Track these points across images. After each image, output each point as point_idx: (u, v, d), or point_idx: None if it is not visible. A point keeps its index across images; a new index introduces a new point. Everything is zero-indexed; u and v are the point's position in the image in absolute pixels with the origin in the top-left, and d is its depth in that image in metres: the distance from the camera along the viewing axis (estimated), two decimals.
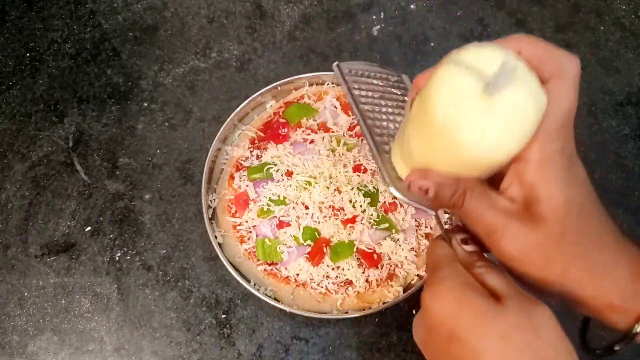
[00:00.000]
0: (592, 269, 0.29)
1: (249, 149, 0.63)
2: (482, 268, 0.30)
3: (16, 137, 0.67)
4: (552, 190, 0.27)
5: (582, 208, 0.28)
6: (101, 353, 0.58)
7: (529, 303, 0.28)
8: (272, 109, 0.65)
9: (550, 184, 0.27)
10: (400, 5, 0.75)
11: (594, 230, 0.29)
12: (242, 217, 0.60)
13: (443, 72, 0.27)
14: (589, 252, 0.29)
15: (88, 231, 0.62)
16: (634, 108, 0.70)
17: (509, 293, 0.28)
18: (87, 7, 0.74)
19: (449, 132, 0.26)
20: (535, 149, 0.27)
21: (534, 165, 0.27)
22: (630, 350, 0.59)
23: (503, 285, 0.29)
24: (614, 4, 0.76)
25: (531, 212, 0.28)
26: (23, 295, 0.60)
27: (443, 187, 0.29)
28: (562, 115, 0.27)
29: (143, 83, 0.69)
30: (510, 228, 0.28)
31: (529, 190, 0.28)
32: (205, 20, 0.73)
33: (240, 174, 0.61)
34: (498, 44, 0.28)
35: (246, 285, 0.55)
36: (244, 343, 0.58)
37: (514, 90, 0.26)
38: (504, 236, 0.29)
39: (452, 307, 0.28)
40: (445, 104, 0.26)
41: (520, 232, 0.28)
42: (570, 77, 0.27)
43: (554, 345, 0.27)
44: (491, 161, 0.27)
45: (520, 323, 0.27)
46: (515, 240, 0.29)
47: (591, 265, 0.29)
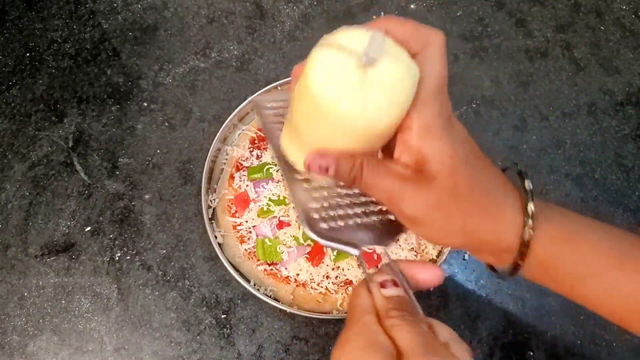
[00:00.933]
0: (487, 214, 0.30)
1: (249, 149, 0.63)
2: (395, 319, 0.29)
3: (16, 137, 0.67)
4: (436, 149, 0.29)
5: (468, 161, 0.30)
6: (101, 353, 0.58)
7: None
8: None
9: (434, 144, 0.29)
10: (400, 5, 0.75)
11: (483, 180, 0.30)
12: (242, 217, 0.60)
13: (316, 54, 0.28)
14: (480, 198, 0.30)
15: (88, 231, 0.62)
16: (634, 108, 0.70)
17: (410, 353, 0.27)
18: (87, 7, 0.74)
19: (332, 109, 0.27)
20: (415, 116, 0.29)
21: (416, 131, 0.29)
22: (629, 351, 0.59)
23: (407, 343, 0.27)
24: (614, 4, 0.76)
25: (423, 173, 0.30)
26: (23, 295, 0.60)
27: (341, 163, 0.30)
28: (435, 82, 0.29)
29: (143, 83, 0.69)
30: (407, 191, 0.30)
31: (417, 154, 0.30)
32: (205, 20, 0.73)
33: (240, 174, 0.61)
34: (364, 26, 0.29)
35: (246, 285, 0.55)
36: (244, 343, 0.58)
37: (387, 61, 0.27)
38: (403, 199, 0.30)
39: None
40: (323, 82, 0.27)
41: (418, 193, 0.30)
42: (437, 47, 0.29)
43: None
44: (376, 130, 0.29)
45: None
46: (413, 202, 0.30)
47: (485, 211, 0.30)
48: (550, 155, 0.67)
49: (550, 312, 0.60)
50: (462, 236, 0.31)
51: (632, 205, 0.65)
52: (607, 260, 0.29)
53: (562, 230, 0.30)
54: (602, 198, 0.65)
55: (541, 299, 0.61)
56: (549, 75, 0.71)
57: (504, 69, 0.72)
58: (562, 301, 0.61)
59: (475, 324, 0.60)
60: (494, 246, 0.31)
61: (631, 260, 0.29)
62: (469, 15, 0.74)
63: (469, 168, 0.30)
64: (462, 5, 0.75)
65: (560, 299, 0.61)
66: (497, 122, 0.69)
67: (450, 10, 0.75)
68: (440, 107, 0.29)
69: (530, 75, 0.71)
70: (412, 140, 0.29)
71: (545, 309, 0.60)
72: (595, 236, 0.30)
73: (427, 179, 0.29)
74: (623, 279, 0.29)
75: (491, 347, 0.59)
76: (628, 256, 0.29)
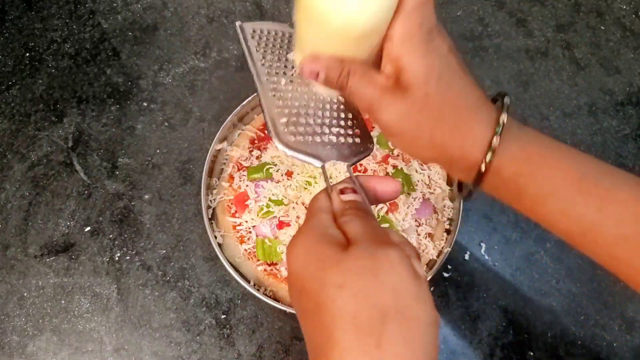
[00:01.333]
0: (455, 129, 0.31)
1: (249, 149, 0.63)
2: (348, 217, 0.30)
3: (16, 137, 0.67)
4: (412, 60, 0.30)
5: (442, 75, 0.30)
6: (101, 353, 0.58)
7: (376, 246, 0.27)
8: None
9: (410, 54, 0.30)
10: None
11: (455, 95, 0.31)
12: (242, 217, 0.60)
13: None
14: (451, 114, 0.30)
15: (88, 231, 0.62)
16: (635, 108, 0.70)
17: (359, 239, 0.28)
18: (87, 7, 0.74)
19: (314, 8, 0.29)
20: (396, 26, 0.30)
21: (396, 40, 0.30)
22: (629, 351, 0.59)
23: (358, 232, 0.28)
24: (614, 4, 0.75)
25: (399, 83, 0.31)
26: (22, 295, 0.60)
27: (330, 69, 0.32)
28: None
29: (143, 83, 0.69)
30: (384, 100, 0.31)
31: (396, 64, 0.31)
32: (205, 20, 0.73)
33: (240, 174, 0.61)
34: None
35: (246, 285, 0.55)
36: (244, 343, 0.58)
37: None
38: (380, 108, 0.31)
39: (302, 260, 0.28)
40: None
41: (392, 102, 0.31)
42: None
43: (394, 288, 0.26)
44: (356, 31, 0.30)
45: (359, 268, 0.26)
46: (388, 111, 0.31)
47: (454, 126, 0.30)
48: None
49: (550, 312, 0.60)
50: (431, 149, 0.31)
51: None
52: (565, 180, 0.29)
53: (528, 150, 0.30)
54: None
55: (541, 299, 0.61)
56: (549, 75, 0.71)
57: (504, 69, 0.72)
58: (563, 301, 0.61)
59: (475, 324, 0.60)
60: (462, 162, 0.31)
61: (589, 181, 0.29)
62: (469, 15, 0.74)
63: (442, 82, 0.30)
64: (462, 5, 0.75)
65: (560, 298, 0.61)
66: None
67: (450, 10, 0.75)
68: (423, 18, 0.30)
69: (530, 75, 0.71)
70: (392, 49, 0.31)
71: (545, 309, 0.60)
72: (558, 157, 0.30)
73: (402, 90, 0.30)
74: (578, 199, 0.29)
75: (491, 347, 0.59)
76: (587, 177, 0.29)
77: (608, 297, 0.61)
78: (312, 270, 0.27)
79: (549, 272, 0.62)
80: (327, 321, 0.25)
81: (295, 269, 0.29)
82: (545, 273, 0.62)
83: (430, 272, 0.56)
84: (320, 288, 0.26)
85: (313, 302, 0.27)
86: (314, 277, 0.27)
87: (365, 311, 0.25)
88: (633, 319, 0.60)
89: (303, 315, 0.28)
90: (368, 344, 0.24)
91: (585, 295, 0.61)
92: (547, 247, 0.63)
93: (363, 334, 0.24)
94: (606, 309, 0.61)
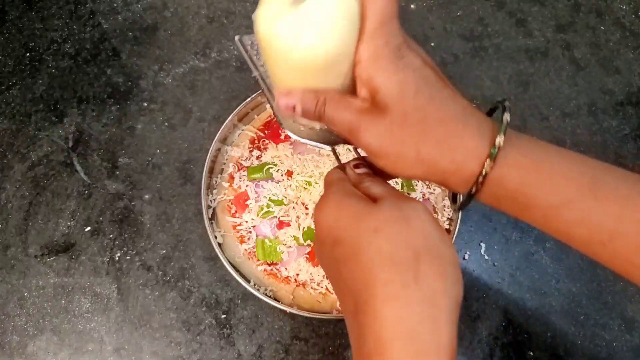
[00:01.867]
0: (443, 142, 0.30)
1: (249, 149, 0.63)
2: (367, 182, 0.33)
3: (16, 137, 0.67)
4: (384, 79, 0.30)
5: (419, 89, 0.30)
6: (101, 353, 0.58)
7: (402, 200, 0.30)
8: (272, 109, 0.65)
9: (382, 73, 0.30)
10: (400, 5, 0.75)
11: (437, 108, 0.30)
12: (242, 217, 0.60)
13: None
14: (434, 127, 0.30)
15: (88, 231, 0.62)
16: (634, 108, 0.70)
17: (385, 195, 0.31)
18: (87, 7, 0.74)
19: (273, 44, 0.30)
20: (362, 49, 0.30)
21: (365, 63, 0.30)
22: (629, 351, 0.59)
23: (382, 191, 0.31)
24: (614, 4, 0.76)
25: (376, 104, 0.31)
26: (23, 295, 0.60)
27: (305, 101, 0.32)
28: (379, 13, 0.30)
29: (143, 83, 0.69)
30: (363, 122, 0.31)
31: (369, 86, 0.31)
32: (205, 20, 0.73)
33: (240, 174, 0.61)
34: None
35: (246, 285, 0.55)
36: (244, 343, 0.58)
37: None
38: (360, 131, 0.31)
39: (333, 214, 0.30)
40: (265, 20, 0.30)
41: (371, 124, 0.31)
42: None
43: (423, 232, 0.28)
44: (318, 63, 0.30)
45: (390, 216, 0.29)
46: (368, 133, 0.31)
47: (440, 139, 0.30)
48: None
49: (550, 312, 0.60)
50: (419, 166, 0.31)
51: None
52: (579, 188, 0.28)
53: (532, 158, 0.29)
54: None
55: (541, 299, 0.61)
56: (549, 75, 0.71)
57: (504, 69, 0.72)
58: (562, 301, 0.61)
59: (475, 324, 0.60)
60: (457, 176, 0.30)
61: (604, 187, 0.28)
62: (469, 15, 0.74)
63: (420, 97, 0.30)
64: (462, 5, 0.75)
65: (560, 298, 0.61)
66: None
67: (450, 10, 0.75)
68: (388, 36, 0.30)
69: (530, 75, 0.71)
70: (363, 72, 0.31)
71: (545, 309, 0.60)
72: (566, 164, 0.29)
73: (379, 110, 0.30)
74: (595, 208, 0.28)
75: (491, 347, 0.59)
76: (600, 184, 0.28)
77: (608, 297, 0.61)
78: (346, 220, 0.30)
79: (549, 272, 0.62)
80: (366, 262, 0.28)
81: (327, 223, 0.31)
82: (545, 273, 0.62)
83: None
84: (356, 234, 0.29)
85: (350, 248, 0.29)
86: (349, 226, 0.29)
87: (401, 251, 0.27)
88: (633, 318, 0.60)
89: (337, 265, 0.30)
90: (407, 278, 0.27)
91: (585, 295, 0.61)
92: (547, 247, 0.63)
93: (401, 270, 0.27)
94: (606, 309, 0.61)
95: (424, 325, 0.26)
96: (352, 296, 0.29)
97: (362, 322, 0.27)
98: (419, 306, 0.26)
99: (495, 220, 0.64)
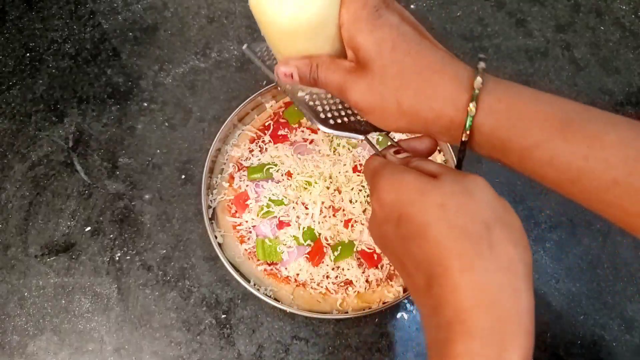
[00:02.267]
0: (420, 92, 0.31)
1: (249, 149, 0.63)
2: (417, 161, 0.34)
3: (16, 137, 0.67)
4: (362, 38, 0.32)
5: (395, 45, 0.32)
6: (101, 353, 0.58)
7: (462, 175, 0.30)
8: (272, 109, 0.65)
9: (360, 33, 0.32)
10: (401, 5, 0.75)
11: (413, 60, 0.32)
12: (242, 217, 0.60)
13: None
14: (412, 78, 0.31)
15: (88, 231, 0.62)
16: (634, 108, 0.70)
17: (443, 171, 0.31)
18: (87, 7, 0.74)
19: (262, 16, 0.33)
20: (343, 12, 0.33)
21: (346, 24, 0.33)
22: (629, 351, 0.59)
23: (438, 168, 0.32)
24: (614, 4, 0.76)
25: (359, 63, 0.33)
26: (23, 295, 0.60)
27: (300, 68, 0.35)
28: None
29: (143, 83, 0.69)
30: (349, 81, 0.33)
31: (351, 46, 0.33)
32: (205, 20, 0.73)
33: (240, 174, 0.61)
34: None
35: (246, 285, 0.55)
36: (244, 343, 0.58)
37: None
38: (347, 89, 0.33)
39: (395, 192, 0.31)
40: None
41: (355, 81, 0.33)
42: None
43: (488, 203, 0.29)
44: (304, 27, 0.33)
45: (455, 190, 0.29)
46: (353, 90, 0.33)
47: (418, 89, 0.31)
48: None
49: (551, 312, 0.60)
50: (402, 117, 0.32)
51: None
52: (550, 129, 0.29)
53: (506, 101, 0.30)
54: None
55: (541, 299, 0.61)
56: (549, 75, 0.71)
57: (504, 69, 0.72)
58: (562, 301, 0.61)
59: None
60: (438, 124, 0.32)
61: (573, 128, 0.29)
62: (469, 15, 0.75)
63: (397, 51, 0.31)
64: (462, 5, 0.75)
65: (560, 298, 0.61)
66: None
67: (450, 10, 0.75)
68: (365, 0, 0.32)
69: (530, 75, 0.71)
70: (345, 34, 0.33)
71: (546, 309, 0.60)
72: (540, 105, 0.30)
73: (362, 68, 0.32)
74: (564, 148, 0.29)
75: None
76: (571, 124, 0.29)
77: (608, 297, 0.61)
78: (410, 196, 0.30)
79: (548, 272, 0.62)
80: (437, 236, 0.28)
81: (389, 200, 0.31)
82: (545, 273, 0.62)
83: None
84: (423, 210, 0.29)
85: (416, 224, 0.29)
86: (413, 202, 0.29)
87: (471, 223, 0.28)
88: (633, 318, 0.60)
89: (404, 242, 0.30)
90: (481, 248, 0.27)
91: (585, 295, 0.61)
92: (547, 247, 0.63)
93: (475, 241, 0.27)
94: (606, 309, 0.61)
95: (503, 292, 0.27)
96: (424, 271, 0.29)
97: (438, 295, 0.28)
98: (496, 274, 0.27)
99: None
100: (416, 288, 0.30)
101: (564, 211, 0.65)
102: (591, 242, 0.63)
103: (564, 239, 0.63)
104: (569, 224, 0.64)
